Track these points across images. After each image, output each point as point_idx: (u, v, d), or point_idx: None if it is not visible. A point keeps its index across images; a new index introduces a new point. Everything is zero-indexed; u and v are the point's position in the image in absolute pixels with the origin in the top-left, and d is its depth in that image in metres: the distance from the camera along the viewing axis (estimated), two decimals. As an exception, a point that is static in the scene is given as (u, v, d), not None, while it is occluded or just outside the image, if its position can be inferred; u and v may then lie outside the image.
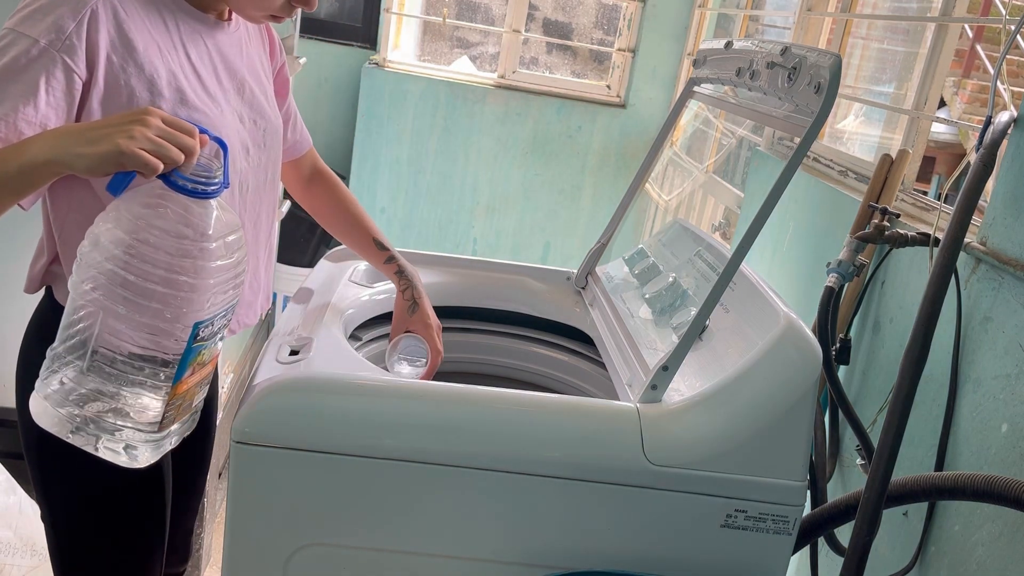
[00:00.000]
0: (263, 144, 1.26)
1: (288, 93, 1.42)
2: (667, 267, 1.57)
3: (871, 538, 1.15)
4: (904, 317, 1.64)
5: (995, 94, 1.40)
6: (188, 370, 0.95)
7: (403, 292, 1.44)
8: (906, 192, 1.83)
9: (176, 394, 0.96)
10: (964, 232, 1.23)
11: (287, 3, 1.15)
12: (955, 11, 1.80)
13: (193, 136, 0.93)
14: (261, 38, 1.34)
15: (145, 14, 1.09)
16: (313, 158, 1.51)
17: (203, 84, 1.14)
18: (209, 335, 0.96)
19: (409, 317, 1.43)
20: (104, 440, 0.94)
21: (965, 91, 6.02)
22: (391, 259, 1.46)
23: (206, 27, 1.17)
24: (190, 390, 0.98)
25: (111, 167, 0.89)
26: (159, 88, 1.07)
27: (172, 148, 0.90)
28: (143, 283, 0.90)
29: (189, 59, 1.13)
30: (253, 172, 1.25)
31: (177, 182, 0.91)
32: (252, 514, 1.15)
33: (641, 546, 1.17)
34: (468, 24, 4.61)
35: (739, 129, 3.12)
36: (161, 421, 0.96)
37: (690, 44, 3.75)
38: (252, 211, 1.27)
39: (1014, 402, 1.27)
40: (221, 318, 0.98)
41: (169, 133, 0.90)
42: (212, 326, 0.96)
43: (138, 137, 0.88)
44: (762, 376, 1.14)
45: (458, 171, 3.92)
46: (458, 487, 1.13)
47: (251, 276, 1.29)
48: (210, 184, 0.93)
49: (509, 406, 1.16)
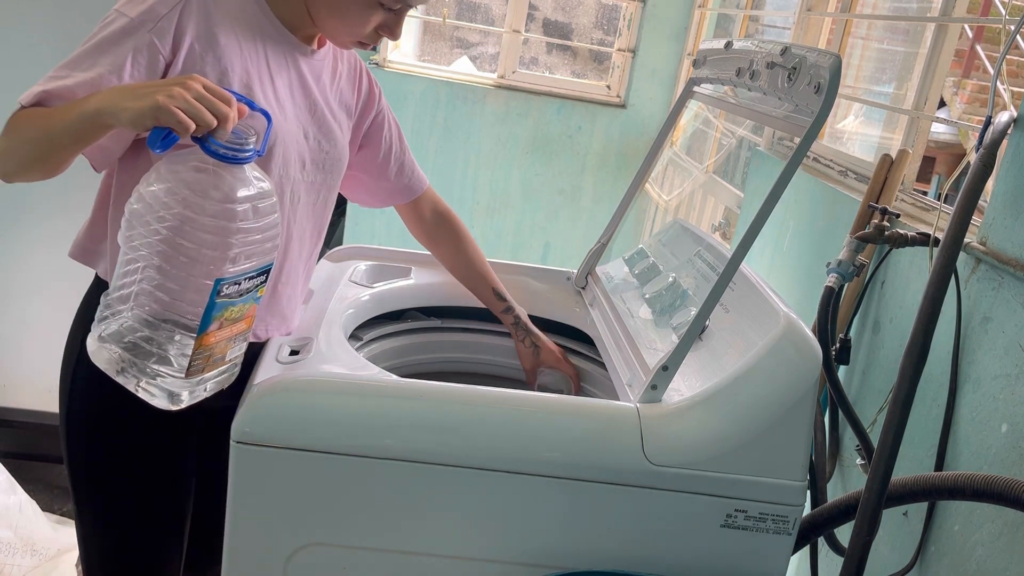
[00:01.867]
0: (322, 165, 1.31)
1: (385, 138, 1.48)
2: (667, 267, 1.57)
3: (871, 538, 1.15)
4: (904, 317, 1.64)
5: (995, 94, 1.40)
6: (214, 323, 1.02)
7: (522, 341, 1.57)
8: (906, 192, 1.83)
9: (203, 345, 1.02)
10: (964, 232, 1.23)
11: (374, 32, 1.24)
12: (955, 11, 1.80)
13: (230, 104, 0.99)
14: (355, 84, 1.40)
15: (236, 18, 1.19)
16: (432, 201, 1.58)
17: (275, 89, 1.22)
18: (235, 293, 1.02)
19: (539, 359, 1.57)
20: (144, 381, 1.02)
21: (965, 91, 6.02)
22: (508, 310, 1.57)
23: (291, 47, 1.25)
24: (219, 344, 1.04)
25: (148, 121, 0.96)
26: (229, 80, 1.16)
27: (205, 111, 0.96)
28: (173, 237, 0.98)
29: (268, 66, 1.21)
30: (306, 188, 1.29)
31: (209, 146, 0.98)
32: (252, 514, 1.15)
33: (641, 546, 1.17)
34: (468, 24, 4.61)
35: (739, 129, 3.12)
36: (188, 368, 1.02)
37: (690, 44, 3.75)
38: (300, 225, 1.31)
39: (1014, 402, 1.27)
40: (250, 279, 1.04)
41: (206, 98, 0.97)
42: (238, 285, 1.02)
43: (176, 96, 0.96)
44: (762, 376, 1.14)
45: (458, 171, 3.92)
46: (458, 487, 1.13)
47: (290, 291, 1.33)
48: (241, 151, 1.00)
49: (509, 406, 1.16)
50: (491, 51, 4.67)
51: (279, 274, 1.29)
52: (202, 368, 1.04)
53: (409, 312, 1.64)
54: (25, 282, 2.51)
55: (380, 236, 3.88)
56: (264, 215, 1.04)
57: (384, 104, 1.47)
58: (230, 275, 1.01)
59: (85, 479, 1.30)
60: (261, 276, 1.07)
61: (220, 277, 1.00)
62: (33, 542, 2.15)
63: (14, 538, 2.17)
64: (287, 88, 1.25)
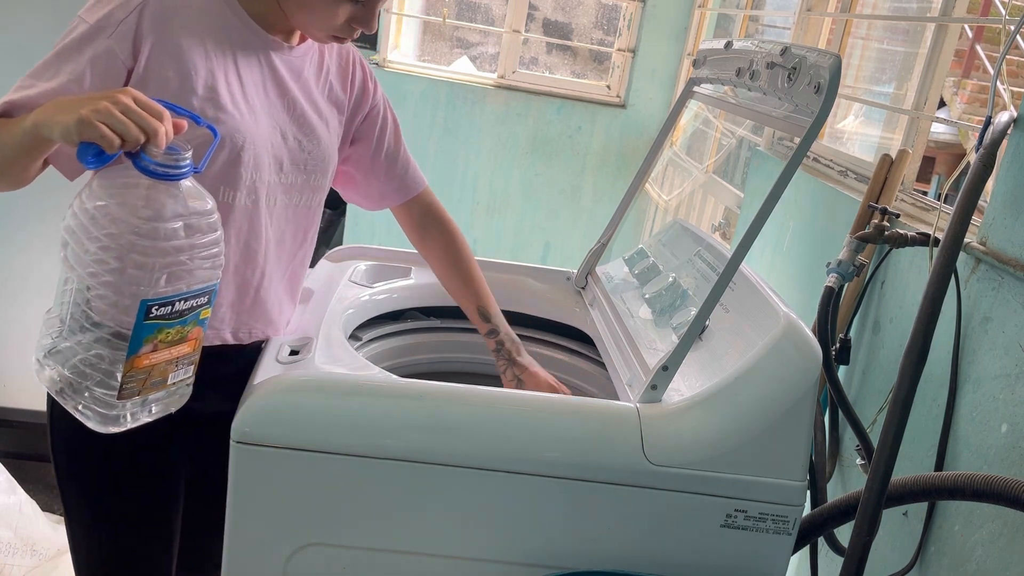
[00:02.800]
0: (304, 166, 1.27)
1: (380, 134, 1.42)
2: (667, 267, 1.57)
3: (871, 538, 1.15)
4: (904, 317, 1.64)
5: (995, 94, 1.40)
6: (146, 345, 0.97)
7: (504, 372, 1.42)
8: (906, 192, 1.83)
9: (134, 367, 0.97)
10: (964, 232, 1.23)
11: (347, 25, 1.19)
12: (955, 11, 1.80)
13: (162, 119, 0.95)
14: (346, 79, 1.35)
15: (200, 18, 1.15)
16: (426, 203, 1.49)
17: (244, 90, 1.18)
18: (168, 315, 0.98)
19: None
20: (81, 404, 0.99)
21: (965, 91, 6.02)
22: (493, 332, 1.44)
23: (264, 44, 1.21)
24: (157, 367, 1.00)
25: (75, 136, 0.93)
26: (192, 84, 1.12)
27: (131, 125, 0.92)
28: (102, 255, 0.95)
29: (236, 66, 1.18)
30: (284, 190, 1.26)
31: (139, 162, 0.95)
32: (252, 514, 1.15)
33: (641, 546, 1.17)
34: (468, 24, 4.61)
35: (739, 129, 3.12)
36: (120, 390, 0.98)
37: (690, 44, 3.75)
38: (277, 227, 1.27)
39: (1014, 402, 1.27)
40: (187, 300, 0.99)
41: (134, 112, 0.93)
42: (171, 306, 0.97)
43: (102, 110, 0.92)
44: (762, 376, 1.14)
45: (458, 171, 3.92)
46: (458, 487, 1.13)
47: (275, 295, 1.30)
48: (174, 167, 0.96)
49: (509, 406, 1.16)
50: (491, 51, 4.67)
51: (261, 278, 1.27)
52: (136, 391, 1.00)
53: (409, 312, 1.64)
54: (25, 282, 2.51)
55: (380, 236, 3.88)
56: (201, 234, 0.99)
57: (381, 99, 1.43)
58: (158, 296, 0.96)
59: (75, 491, 1.29)
60: (202, 297, 1.01)
61: (147, 298, 0.95)
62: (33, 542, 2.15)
63: (14, 538, 2.17)
64: (259, 88, 1.21)
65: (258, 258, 1.25)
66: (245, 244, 1.23)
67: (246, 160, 1.18)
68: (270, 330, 1.32)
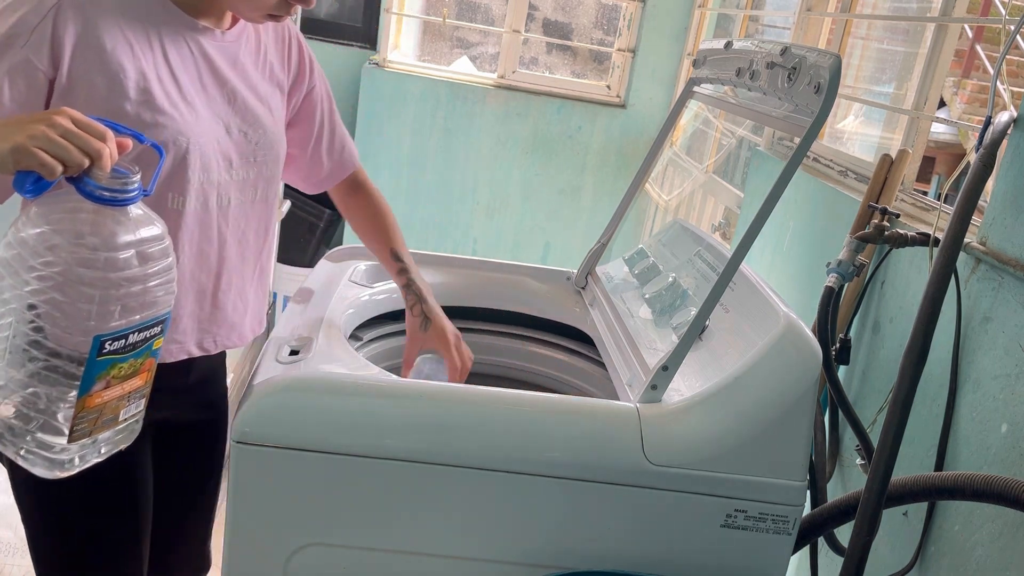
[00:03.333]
0: (253, 158, 1.21)
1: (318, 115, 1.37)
2: (667, 267, 1.57)
3: (871, 538, 1.15)
4: (904, 317, 1.64)
5: (995, 94, 1.40)
6: (99, 383, 0.90)
7: (411, 308, 1.40)
8: (906, 192, 1.83)
9: (86, 407, 0.91)
10: (964, 232, 1.23)
11: (283, 2, 1.12)
12: (955, 11, 1.80)
13: (104, 139, 0.88)
14: (284, 58, 1.29)
15: (121, 14, 1.06)
16: (360, 177, 1.48)
17: (179, 87, 1.11)
18: (121, 349, 0.91)
19: (424, 334, 1.38)
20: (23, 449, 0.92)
21: (965, 91, 6.02)
22: (403, 271, 1.42)
23: (194, 32, 1.13)
24: (108, 404, 0.93)
25: (10, 166, 0.86)
26: (123, 88, 1.04)
27: (73, 149, 0.85)
28: (44, 289, 0.87)
29: (167, 61, 1.10)
30: (238, 187, 1.20)
31: (84, 187, 0.87)
32: (252, 514, 1.15)
33: (641, 546, 1.17)
34: (468, 24, 4.61)
35: (739, 129, 3.12)
36: (71, 432, 0.91)
37: (690, 44, 3.75)
38: (236, 227, 1.22)
39: (1014, 402, 1.27)
40: (140, 332, 0.92)
41: (75, 134, 0.86)
42: (124, 340, 0.90)
43: (38, 136, 0.85)
44: (762, 376, 1.14)
45: (458, 171, 3.92)
46: (458, 487, 1.13)
47: (235, 297, 1.25)
48: (123, 192, 0.88)
49: (509, 406, 1.16)
50: (491, 51, 4.67)
51: (218, 283, 1.21)
52: (88, 431, 0.92)
53: (409, 312, 1.64)
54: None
55: (380, 236, 3.88)
56: (153, 261, 0.92)
57: (318, 76, 1.36)
58: (112, 330, 0.89)
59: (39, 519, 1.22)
60: (155, 327, 0.95)
61: (100, 334, 0.88)
62: (33, 542, 2.14)
63: (14, 538, 2.17)
64: (195, 82, 1.13)
65: (212, 262, 1.20)
66: (199, 250, 1.17)
67: (192, 162, 1.11)
68: (235, 336, 1.28)
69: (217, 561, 1.24)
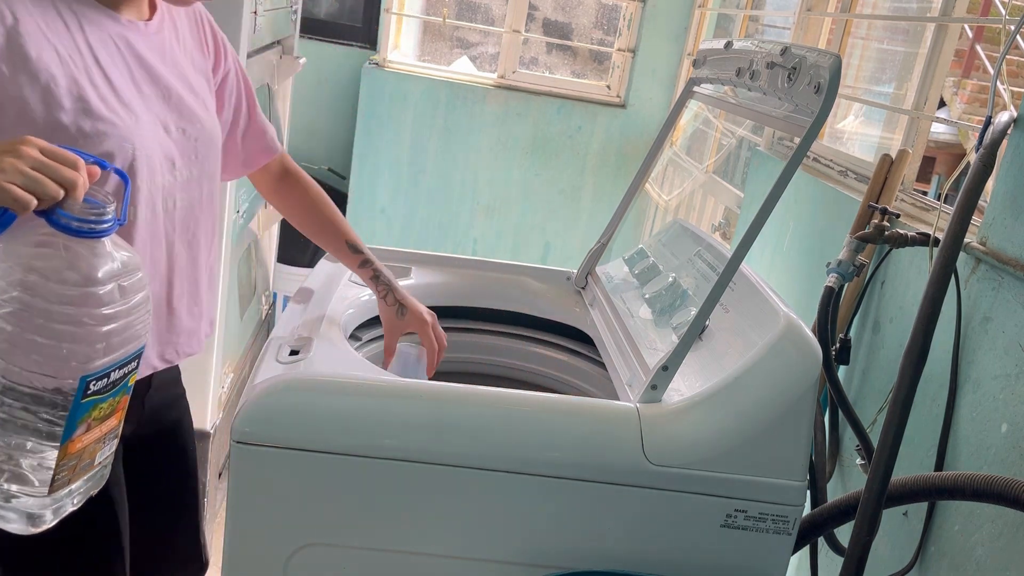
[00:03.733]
0: (194, 155, 1.16)
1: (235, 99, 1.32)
2: (667, 267, 1.57)
3: (871, 538, 1.15)
4: (904, 317, 1.64)
5: (995, 94, 1.40)
6: (80, 427, 0.85)
7: (384, 298, 1.39)
8: (906, 192, 1.83)
9: (68, 453, 0.85)
10: (964, 232, 1.23)
11: None
12: (955, 11, 1.80)
13: (77, 168, 0.83)
14: (201, 43, 1.24)
15: (41, 16, 0.98)
16: (284, 160, 1.43)
17: (115, 90, 1.04)
18: (104, 388, 0.86)
19: (402, 321, 1.38)
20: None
21: (965, 91, 6.02)
22: (366, 263, 1.40)
23: (118, 28, 1.07)
24: (88, 448, 0.88)
25: None
26: (56, 98, 0.98)
27: (48, 182, 0.80)
28: (21, 333, 0.80)
29: (98, 63, 1.03)
30: (182, 188, 1.15)
31: (60, 220, 0.81)
32: (252, 514, 1.15)
33: (641, 546, 1.17)
34: (468, 24, 4.61)
35: (739, 129, 3.12)
36: (52, 482, 0.85)
37: (690, 44, 3.75)
38: (185, 231, 1.17)
39: (1014, 402, 1.27)
40: (121, 367, 0.88)
41: (46, 165, 0.81)
42: (107, 378, 0.86)
43: (8, 170, 0.79)
44: (762, 376, 1.14)
45: (458, 171, 3.92)
46: (458, 487, 1.13)
47: (190, 302, 1.20)
48: (99, 222, 0.83)
49: (509, 406, 1.16)
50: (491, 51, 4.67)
51: (171, 290, 1.16)
52: (68, 480, 0.86)
53: (409, 312, 1.64)
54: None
55: (380, 236, 3.88)
56: (133, 294, 0.87)
57: (232, 59, 1.30)
58: (96, 369, 0.83)
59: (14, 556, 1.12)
60: (133, 362, 0.89)
61: (86, 374, 0.82)
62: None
63: None
64: (128, 82, 1.06)
65: (163, 269, 1.15)
66: (151, 259, 1.12)
67: (140, 169, 1.05)
68: (194, 342, 1.24)
69: (217, 561, 1.24)
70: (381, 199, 3.93)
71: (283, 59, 2.59)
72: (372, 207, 3.92)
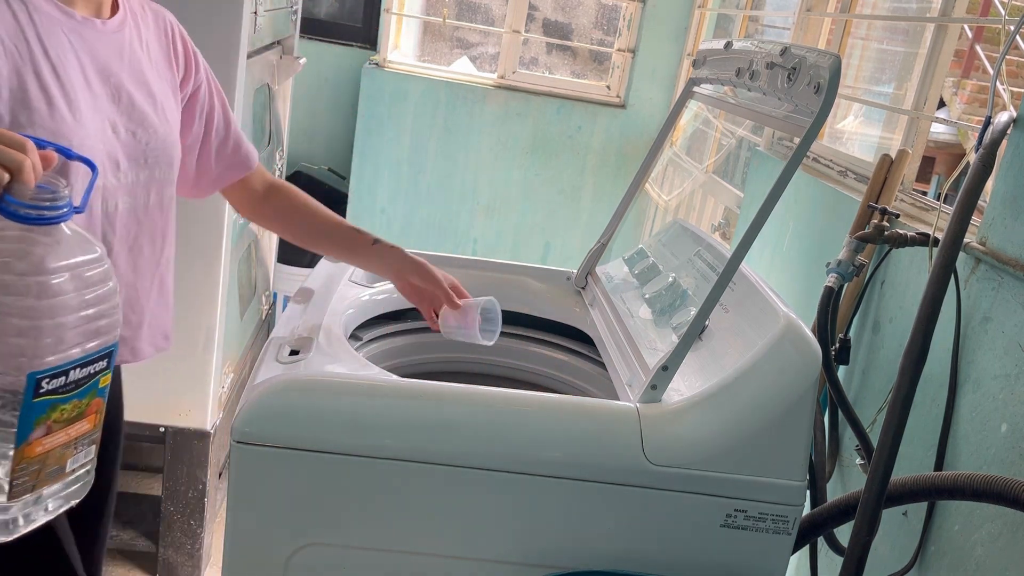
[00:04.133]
0: (143, 160, 1.13)
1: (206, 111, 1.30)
2: (667, 267, 1.57)
3: (871, 538, 1.15)
4: (904, 317, 1.64)
5: (995, 94, 1.40)
6: (38, 429, 0.80)
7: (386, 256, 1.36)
8: (906, 192, 1.83)
9: (25, 457, 0.80)
10: (964, 232, 1.23)
11: None
12: (955, 11, 1.80)
13: (26, 152, 0.80)
14: (170, 56, 1.22)
15: None
16: (263, 175, 1.40)
17: (61, 85, 1.02)
18: (62, 388, 0.81)
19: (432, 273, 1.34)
20: None
21: (965, 91, 6.02)
22: (376, 241, 1.38)
23: (71, 23, 1.05)
24: (52, 453, 0.83)
25: None
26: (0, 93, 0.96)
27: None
28: None
29: (47, 56, 1.01)
30: (126, 191, 1.12)
31: (7, 207, 0.78)
32: (252, 514, 1.15)
33: (641, 546, 1.17)
34: (468, 24, 4.61)
35: (739, 129, 3.12)
36: (11, 488, 0.80)
37: (690, 44, 3.75)
38: (125, 234, 1.14)
39: (1014, 402, 1.27)
40: (83, 367, 0.83)
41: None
42: (64, 377, 0.81)
43: None
44: (762, 376, 1.14)
45: (458, 171, 3.92)
46: (458, 487, 1.14)
47: (127, 310, 1.15)
48: (52, 207, 0.79)
49: (509, 406, 1.16)
50: (491, 51, 4.67)
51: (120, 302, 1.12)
52: (31, 486, 0.82)
53: (409, 312, 1.64)
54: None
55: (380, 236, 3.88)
56: (92, 286, 0.83)
57: (204, 72, 1.28)
58: (48, 366, 0.79)
59: None
60: (100, 361, 0.85)
61: (35, 371, 0.78)
62: (33, 542, 2.14)
63: (14, 538, 2.15)
64: (79, 78, 1.05)
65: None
66: None
67: (75, 166, 1.01)
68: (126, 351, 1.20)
69: (217, 561, 1.24)
70: (381, 199, 3.93)
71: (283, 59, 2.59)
72: (372, 207, 3.92)
